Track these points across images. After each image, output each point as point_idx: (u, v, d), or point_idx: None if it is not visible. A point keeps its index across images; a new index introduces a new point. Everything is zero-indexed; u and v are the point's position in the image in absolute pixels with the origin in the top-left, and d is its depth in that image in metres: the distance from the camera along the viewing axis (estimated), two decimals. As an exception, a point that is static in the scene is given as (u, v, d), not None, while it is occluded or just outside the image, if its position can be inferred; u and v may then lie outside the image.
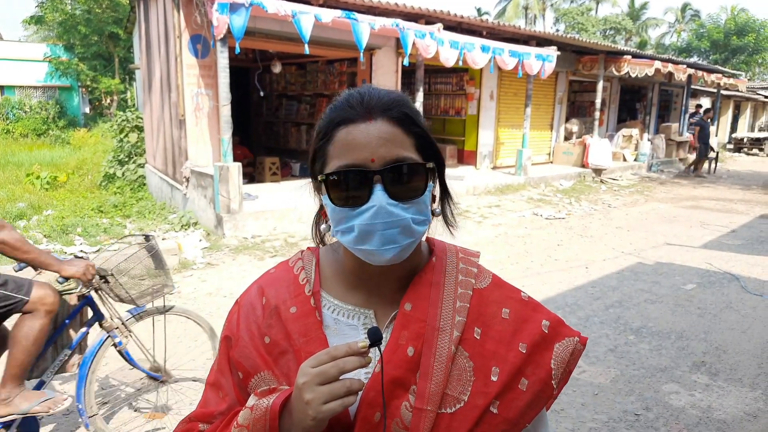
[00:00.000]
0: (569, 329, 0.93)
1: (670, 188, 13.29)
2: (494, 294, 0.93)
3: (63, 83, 21.75)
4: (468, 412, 0.83)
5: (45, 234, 6.61)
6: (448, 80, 12.83)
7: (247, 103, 13.58)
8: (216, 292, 5.24)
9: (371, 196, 0.82)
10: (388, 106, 0.85)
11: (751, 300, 5.35)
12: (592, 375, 3.75)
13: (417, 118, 0.87)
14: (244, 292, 0.99)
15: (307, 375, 0.76)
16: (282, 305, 0.91)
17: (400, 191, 0.83)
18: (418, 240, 0.86)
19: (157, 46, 9.38)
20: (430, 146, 0.88)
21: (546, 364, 0.88)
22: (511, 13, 39.56)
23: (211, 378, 0.97)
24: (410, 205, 0.83)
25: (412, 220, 0.83)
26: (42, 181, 10.81)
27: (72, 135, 18.47)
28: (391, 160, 0.82)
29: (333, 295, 0.93)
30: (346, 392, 0.75)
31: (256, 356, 0.89)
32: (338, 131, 0.84)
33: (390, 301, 0.91)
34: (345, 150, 0.83)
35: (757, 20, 35.11)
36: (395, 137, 0.83)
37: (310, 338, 0.87)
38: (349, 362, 0.76)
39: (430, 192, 0.88)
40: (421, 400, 0.82)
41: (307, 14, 6.88)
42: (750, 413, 3.33)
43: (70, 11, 21.19)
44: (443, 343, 0.85)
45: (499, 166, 12.98)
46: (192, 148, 8.03)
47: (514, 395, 0.85)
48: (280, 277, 0.96)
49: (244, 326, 0.93)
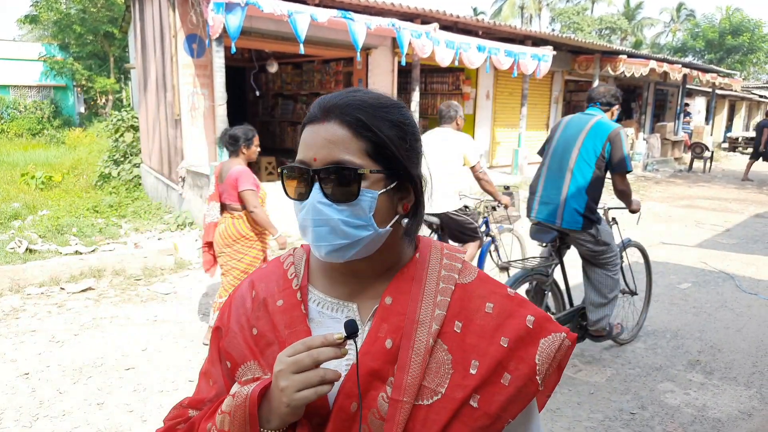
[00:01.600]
0: (556, 325, 0.92)
1: (665, 187, 13.33)
2: (479, 289, 0.93)
3: (58, 83, 21.65)
4: (445, 404, 0.83)
5: (40, 234, 6.59)
6: (444, 80, 12.83)
7: (243, 103, 13.55)
8: (212, 292, 5.23)
9: (310, 194, 0.86)
10: (343, 109, 0.86)
11: (746, 299, 5.37)
12: (588, 374, 3.76)
13: (373, 122, 0.86)
14: (237, 287, 1.04)
15: (283, 363, 0.79)
16: (270, 298, 0.95)
17: (334, 192, 0.85)
18: (362, 244, 0.87)
19: (152, 46, 9.35)
20: (390, 155, 0.87)
21: (530, 359, 0.88)
22: (507, 13, 39.62)
23: (204, 368, 1.01)
24: (344, 207, 0.85)
25: (343, 222, 0.85)
26: (37, 181, 10.76)
27: (67, 135, 18.39)
28: (329, 161, 0.85)
29: (319, 289, 0.96)
30: (320, 381, 0.78)
31: (244, 347, 0.92)
32: (305, 130, 0.90)
33: (373, 296, 0.93)
34: (301, 148, 0.89)
35: (751, 20, 35.26)
36: (341, 140, 0.85)
37: (295, 330, 0.90)
38: (323, 353, 0.79)
39: (374, 198, 0.87)
40: (397, 391, 0.83)
41: (303, 14, 6.87)
42: (745, 412, 3.35)
43: (65, 10, 21.07)
44: (421, 336, 0.86)
45: (496, 166, 13.00)
46: (188, 148, 8.01)
47: (496, 389, 0.85)
48: (271, 272, 1.00)
49: (234, 318, 0.97)
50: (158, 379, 3.60)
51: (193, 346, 4.11)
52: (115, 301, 4.95)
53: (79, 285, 5.19)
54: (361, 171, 0.85)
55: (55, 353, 3.93)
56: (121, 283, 5.40)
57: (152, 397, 3.37)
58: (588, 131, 3.53)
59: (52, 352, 3.94)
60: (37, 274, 5.25)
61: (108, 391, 3.42)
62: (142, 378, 3.60)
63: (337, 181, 0.85)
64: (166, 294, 5.16)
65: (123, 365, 3.78)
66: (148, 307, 4.84)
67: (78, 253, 5.89)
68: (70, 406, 3.26)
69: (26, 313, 4.62)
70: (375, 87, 9.74)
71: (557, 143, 3.69)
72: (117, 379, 3.57)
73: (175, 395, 3.39)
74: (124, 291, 5.20)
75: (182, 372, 3.70)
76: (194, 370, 3.71)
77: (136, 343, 4.13)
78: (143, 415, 3.18)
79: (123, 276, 5.56)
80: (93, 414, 3.18)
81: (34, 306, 4.78)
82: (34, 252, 5.83)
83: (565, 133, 3.66)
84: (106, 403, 3.29)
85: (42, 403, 3.28)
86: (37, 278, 5.23)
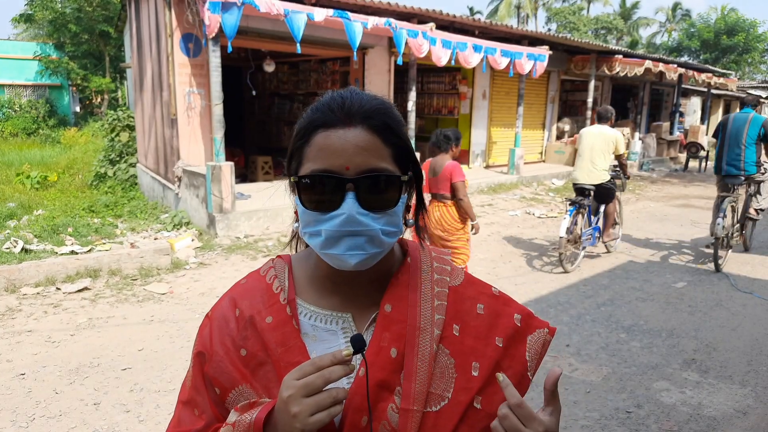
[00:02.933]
0: (538, 320, 0.95)
1: (661, 187, 13.37)
2: (468, 291, 0.94)
3: (53, 82, 21.53)
4: (452, 408, 0.84)
5: (36, 234, 6.56)
6: (441, 79, 12.84)
7: (239, 102, 13.52)
8: (209, 291, 5.22)
9: (342, 204, 0.81)
10: (369, 113, 0.83)
11: (741, 298, 5.39)
12: (584, 373, 3.77)
13: (398, 128, 0.86)
14: (215, 305, 0.97)
15: (293, 388, 0.75)
16: (257, 316, 0.89)
17: (371, 201, 0.82)
18: (386, 250, 0.86)
19: (148, 45, 9.33)
20: (408, 158, 0.88)
21: (521, 357, 0.90)
22: (504, 13, 39.61)
23: (184, 396, 0.94)
24: (381, 215, 0.82)
25: (381, 231, 0.82)
26: (32, 180, 10.73)
27: (62, 134, 18.30)
28: (365, 169, 0.81)
29: (308, 302, 0.92)
30: (333, 402, 0.75)
31: (233, 370, 0.87)
32: (316, 134, 0.83)
33: (367, 304, 0.90)
34: (321, 154, 0.82)
35: (746, 20, 35.33)
36: (373, 146, 0.82)
37: (289, 347, 0.86)
38: (335, 371, 0.75)
39: (404, 204, 0.87)
40: (406, 400, 0.82)
41: (300, 13, 6.87)
42: (740, 410, 3.37)
43: (60, 9, 20.95)
44: (425, 343, 0.86)
45: (492, 165, 13.01)
46: (184, 148, 8.00)
47: (495, 389, 0.86)
48: (253, 287, 0.94)
49: (218, 340, 0.90)
50: (155, 379, 3.59)
51: (189, 346, 4.10)
52: (112, 301, 4.93)
53: (75, 285, 5.18)
54: (404, 178, 0.84)
55: (51, 353, 3.92)
56: (117, 283, 5.39)
57: (149, 397, 3.37)
58: (750, 121, 6.37)
59: (48, 353, 3.93)
60: (33, 274, 5.23)
61: (104, 392, 3.42)
62: (139, 378, 3.60)
63: (376, 189, 0.82)
64: (162, 294, 5.15)
65: (119, 365, 3.77)
66: (144, 307, 4.83)
67: (74, 253, 5.87)
68: (67, 406, 3.25)
69: (22, 313, 4.60)
70: (372, 86, 9.74)
71: (731, 129, 6.45)
72: (113, 380, 3.57)
73: (171, 395, 3.39)
74: (121, 291, 5.19)
75: (179, 372, 3.69)
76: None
77: (133, 343, 4.12)
78: (140, 415, 3.17)
79: (119, 276, 5.54)
80: (89, 414, 3.17)
81: (30, 306, 4.76)
82: (29, 252, 5.81)
83: (735, 124, 6.45)
84: (102, 404, 3.28)
85: (38, 403, 3.27)
86: (32, 278, 5.21)
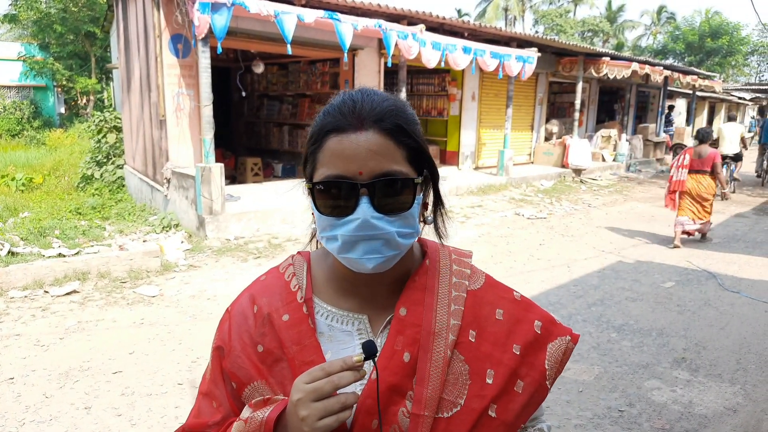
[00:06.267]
0: (561, 328, 0.93)
1: (647, 188, 13.51)
2: (488, 295, 0.93)
3: (38, 83, 21.25)
4: (465, 415, 0.83)
5: (22, 236, 6.47)
6: (431, 81, 12.87)
7: (228, 103, 13.46)
8: (199, 294, 5.19)
9: (357, 209, 0.80)
10: (381, 116, 0.82)
11: (729, 297, 5.46)
12: (577, 372, 3.80)
13: (411, 128, 0.85)
14: (234, 301, 0.98)
15: (302, 391, 0.76)
16: (274, 313, 0.90)
17: (386, 205, 0.81)
18: (403, 252, 0.86)
19: (136, 46, 9.25)
20: (422, 157, 0.87)
21: (540, 365, 0.89)
22: (491, 15, 39.82)
23: (204, 388, 0.96)
24: (396, 218, 0.82)
25: (397, 233, 0.82)
26: (17, 182, 10.59)
27: (47, 136, 18.08)
28: (379, 173, 0.80)
29: (326, 301, 0.92)
30: (341, 408, 0.75)
31: (250, 366, 0.88)
32: (328, 139, 0.82)
33: (383, 306, 0.90)
34: (333, 159, 0.81)
35: (730, 23, 35.88)
36: (385, 149, 0.81)
37: (304, 346, 0.87)
38: (344, 377, 0.76)
39: (419, 204, 0.87)
40: (418, 405, 0.82)
41: (290, 14, 6.85)
42: (730, 407, 3.41)
43: (45, 9, 20.69)
44: (439, 348, 0.85)
45: (481, 167, 13.06)
46: (173, 149, 7.93)
47: (510, 397, 0.85)
48: (272, 284, 0.95)
49: (236, 336, 0.91)
50: (146, 382, 3.56)
51: (181, 348, 4.07)
52: (101, 304, 4.88)
53: (64, 288, 5.12)
54: (417, 180, 0.84)
55: (40, 357, 3.87)
56: (106, 285, 5.33)
57: (140, 401, 3.33)
58: None
59: (37, 356, 3.88)
60: (21, 277, 5.16)
61: (95, 395, 3.38)
62: (130, 381, 3.56)
63: (390, 193, 0.81)
64: (152, 296, 5.10)
65: (110, 369, 3.73)
66: (134, 310, 4.78)
67: (61, 255, 5.80)
68: (57, 410, 3.21)
69: (9, 317, 4.54)
70: (361, 88, 9.74)
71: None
72: (104, 383, 3.53)
73: (163, 398, 3.36)
74: (110, 294, 5.13)
75: (170, 375, 3.67)
76: (182, 374, 3.68)
77: (123, 346, 4.08)
78: (131, 419, 3.14)
79: (108, 279, 5.49)
80: (81, 418, 3.13)
81: (17, 309, 4.69)
82: (16, 255, 5.72)
83: None
84: (93, 407, 3.24)
85: (28, 407, 3.23)
86: (20, 281, 5.14)
